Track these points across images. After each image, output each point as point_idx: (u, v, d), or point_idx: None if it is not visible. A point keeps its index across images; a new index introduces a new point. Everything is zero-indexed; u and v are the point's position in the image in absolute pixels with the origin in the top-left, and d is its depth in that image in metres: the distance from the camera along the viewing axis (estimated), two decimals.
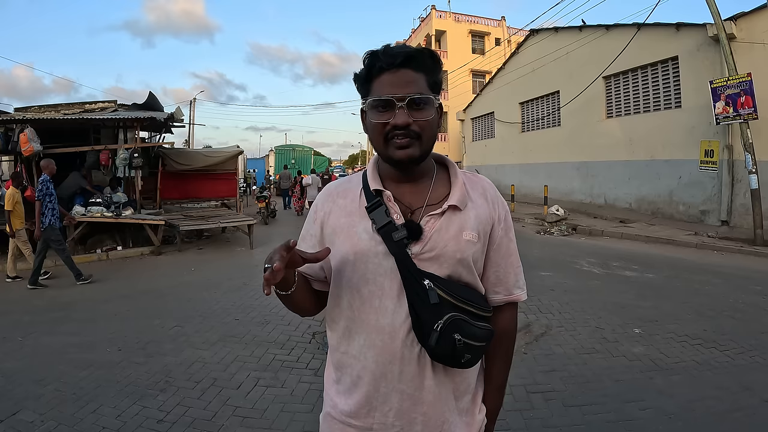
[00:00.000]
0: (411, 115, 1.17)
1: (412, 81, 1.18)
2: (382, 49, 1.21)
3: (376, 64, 1.20)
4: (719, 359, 4.34)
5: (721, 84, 11.29)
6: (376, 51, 1.21)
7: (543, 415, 3.47)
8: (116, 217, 10.84)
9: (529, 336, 5.00)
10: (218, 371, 4.34)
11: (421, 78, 1.20)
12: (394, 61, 1.18)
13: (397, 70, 1.18)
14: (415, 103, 1.17)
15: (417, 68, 1.20)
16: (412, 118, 1.17)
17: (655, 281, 7.35)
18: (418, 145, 1.20)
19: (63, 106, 13.53)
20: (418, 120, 1.18)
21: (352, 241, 1.24)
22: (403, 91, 1.17)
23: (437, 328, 1.15)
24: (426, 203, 1.27)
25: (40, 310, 6.58)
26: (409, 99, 1.16)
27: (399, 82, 1.18)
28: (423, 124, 1.19)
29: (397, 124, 1.17)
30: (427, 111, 1.20)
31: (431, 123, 1.21)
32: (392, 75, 1.18)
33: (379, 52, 1.20)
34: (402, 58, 1.18)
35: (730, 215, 11.97)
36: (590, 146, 17.01)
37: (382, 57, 1.19)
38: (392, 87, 1.17)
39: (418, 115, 1.18)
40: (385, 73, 1.19)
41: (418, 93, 1.18)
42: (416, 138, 1.19)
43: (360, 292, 1.24)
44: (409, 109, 1.17)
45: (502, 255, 1.34)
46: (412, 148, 1.19)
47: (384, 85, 1.19)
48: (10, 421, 3.52)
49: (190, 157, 14.78)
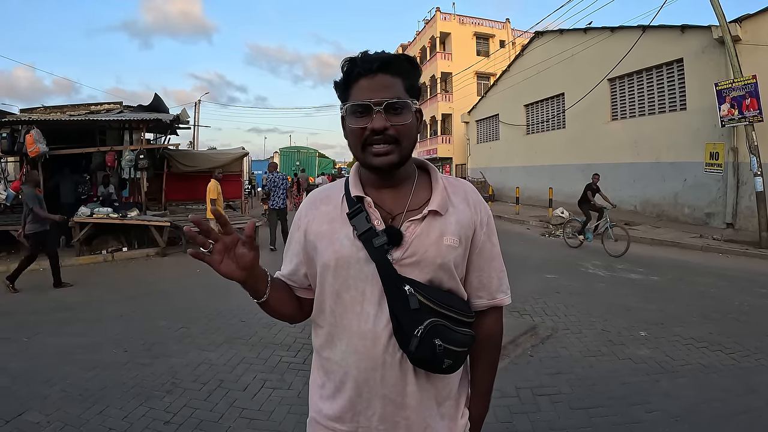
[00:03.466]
0: (389, 120, 1.18)
1: (389, 86, 1.19)
2: (360, 55, 1.22)
3: (354, 70, 1.20)
4: (725, 362, 4.33)
5: (726, 86, 11.29)
6: (354, 57, 1.22)
7: (549, 418, 3.47)
8: (122, 218, 10.87)
9: (535, 338, 5.00)
10: (225, 373, 4.35)
11: (398, 82, 1.21)
12: (371, 67, 1.18)
13: (375, 75, 1.19)
14: (393, 108, 1.18)
15: (394, 73, 1.20)
16: (390, 123, 1.18)
17: (660, 284, 7.34)
18: (397, 151, 1.20)
19: (69, 108, 13.58)
20: (396, 124, 1.18)
21: (334, 247, 1.24)
22: (381, 95, 1.17)
23: (417, 333, 1.15)
24: (406, 209, 1.27)
25: (45, 311, 6.61)
26: (386, 103, 1.17)
27: (376, 86, 1.18)
28: (401, 129, 1.19)
29: (374, 128, 1.17)
30: (405, 115, 1.20)
31: (409, 127, 1.21)
32: (369, 80, 1.19)
33: (356, 59, 1.21)
34: (379, 64, 1.19)
35: (735, 218, 11.95)
36: (595, 148, 17.00)
37: (360, 63, 1.20)
38: (370, 92, 1.18)
39: (396, 120, 1.18)
40: (362, 78, 1.20)
41: (395, 97, 1.18)
42: (394, 143, 1.19)
43: (342, 297, 1.24)
44: (387, 114, 1.18)
45: (485, 259, 1.33)
46: (391, 154, 1.20)
47: (362, 90, 1.19)
48: (16, 422, 3.52)
49: (196, 158, 14.84)
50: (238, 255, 1.13)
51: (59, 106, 13.61)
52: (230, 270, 1.12)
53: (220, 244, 1.11)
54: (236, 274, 1.13)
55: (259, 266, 1.19)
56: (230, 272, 1.13)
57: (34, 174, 8.88)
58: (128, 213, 11.06)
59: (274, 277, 1.33)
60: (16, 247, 10.90)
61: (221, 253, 1.11)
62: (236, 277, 1.14)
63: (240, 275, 1.14)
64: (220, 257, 1.11)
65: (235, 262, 1.13)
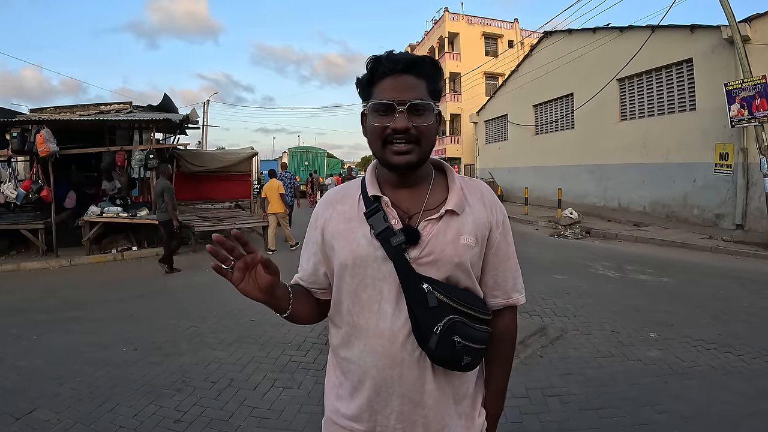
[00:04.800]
0: (411, 120, 1.19)
1: (414, 87, 1.20)
2: (385, 54, 1.23)
3: (379, 69, 1.22)
4: (734, 363, 4.31)
5: (735, 86, 11.21)
6: (379, 56, 1.23)
7: (559, 419, 3.47)
8: (131, 217, 10.93)
9: (545, 339, 4.99)
10: (235, 372, 4.38)
11: (422, 84, 1.22)
12: (396, 67, 1.20)
13: (399, 75, 1.20)
14: (416, 109, 1.20)
15: (418, 75, 1.22)
16: (412, 123, 1.19)
17: (669, 285, 7.30)
18: (417, 151, 1.22)
19: (78, 108, 13.66)
20: (418, 125, 1.20)
21: (351, 246, 1.26)
22: (404, 96, 1.19)
23: (437, 330, 1.17)
24: (423, 208, 1.28)
25: (55, 309, 6.67)
26: (409, 104, 1.19)
27: (400, 86, 1.20)
28: (422, 129, 1.21)
29: (396, 127, 1.19)
30: (427, 117, 1.21)
31: (430, 128, 1.23)
32: (394, 80, 1.20)
33: (382, 58, 1.22)
34: (404, 64, 1.20)
35: (744, 219, 11.85)
36: (604, 149, 16.91)
37: (385, 62, 1.21)
38: (394, 91, 1.19)
39: (418, 120, 1.20)
40: (387, 78, 1.21)
41: (418, 98, 1.20)
42: (415, 143, 1.21)
43: (359, 296, 1.26)
44: (409, 114, 1.19)
45: (501, 259, 1.35)
46: (411, 154, 1.21)
47: (386, 89, 1.21)
48: (27, 419, 3.57)
49: (205, 158, 14.88)
50: (258, 276, 1.14)
51: (69, 106, 13.70)
52: (250, 289, 1.14)
53: (241, 262, 1.12)
54: (256, 294, 1.15)
55: (279, 287, 1.20)
56: (250, 291, 1.14)
57: (167, 168, 10.12)
58: (138, 212, 11.12)
59: (294, 285, 1.35)
60: (26, 246, 11.01)
61: (242, 271, 1.12)
62: (256, 297, 1.16)
63: (259, 296, 1.16)
64: (241, 275, 1.12)
65: (255, 282, 1.14)
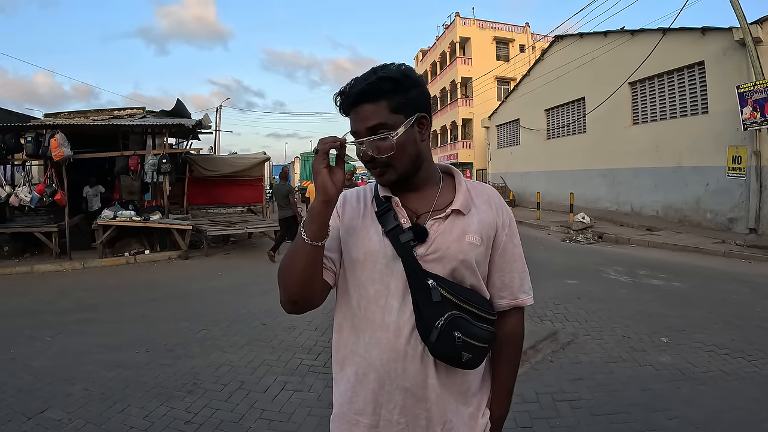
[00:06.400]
0: (376, 148, 1.23)
1: (369, 116, 1.22)
2: (342, 89, 1.26)
3: (343, 105, 1.27)
4: (747, 369, 4.27)
5: (747, 89, 11.12)
6: (340, 91, 1.27)
7: (570, 424, 3.45)
8: (144, 221, 11.02)
9: (556, 344, 4.97)
10: (245, 375, 4.39)
11: (380, 108, 1.22)
12: (350, 101, 1.24)
13: (358, 106, 1.23)
14: (379, 133, 1.22)
15: (374, 99, 1.22)
16: (375, 153, 1.24)
17: (682, 290, 7.25)
18: (391, 171, 1.27)
19: (92, 113, 13.84)
20: (382, 153, 1.24)
21: (363, 242, 1.31)
22: (363, 127, 1.23)
23: (438, 325, 1.21)
24: (432, 208, 1.33)
25: (68, 311, 6.74)
26: (369, 131, 1.23)
27: (358, 119, 1.24)
28: (388, 152, 1.23)
29: (364, 160, 1.27)
30: (388, 141, 1.22)
31: (398, 147, 1.23)
32: (354, 113, 1.25)
33: (340, 93, 1.27)
34: (354, 98, 1.23)
35: (758, 223, 11.72)
36: (616, 153, 16.82)
37: (342, 98, 1.26)
38: (355, 124, 1.25)
39: (382, 146, 1.23)
40: (351, 110, 1.25)
41: (374, 126, 1.22)
42: (386, 166, 1.26)
43: (367, 291, 1.30)
44: (372, 143, 1.23)
45: (507, 260, 1.38)
46: (387, 175, 1.28)
47: (352, 122, 1.26)
48: (39, 419, 3.61)
49: (217, 163, 14.99)
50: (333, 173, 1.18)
51: (83, 111, 13.90)
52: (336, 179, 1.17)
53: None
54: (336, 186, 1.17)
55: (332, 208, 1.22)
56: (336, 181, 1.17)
57: (287, 170, 11.64)
58: (151, 216, 11.21)
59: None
60: (40, 249, 11.12)
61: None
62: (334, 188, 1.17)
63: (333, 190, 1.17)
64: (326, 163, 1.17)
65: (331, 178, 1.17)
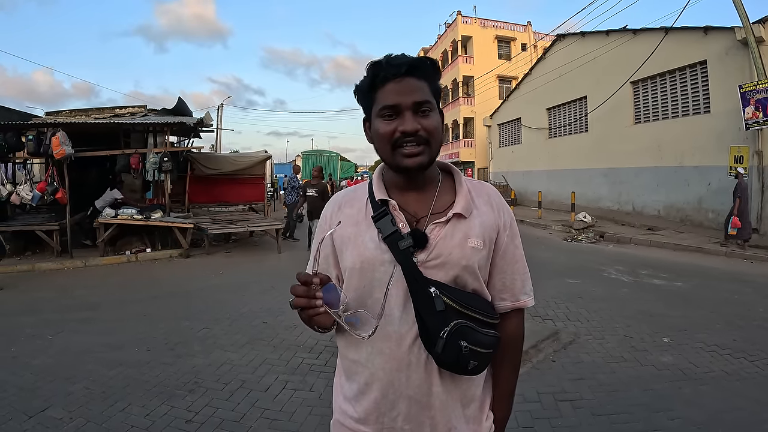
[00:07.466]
0: (418, 122, 1.20)
1: (417, 89, 1.21)
2: (385, 59, 1.23)
3: (381, 74, 1.22)
4: (749, 369, 4.27)
5: (750, 88, 11.11)
6: (379, 61, 1.24)
7: (571, 424, 3.45)
8: (146, 219, 11.02)
9: (557, 344, 4.96)
10: (247, 373, 4.39)
11: (424, 86, 1.23)
12: (398, 71, 1.20)
13: (402, 78, 1.20)
14: (422, 110, 1.21)
15: (420, 76, 1.22)
16: (420, 125, 1.20)
17: (683, 290, 7.24)
18: (427, 152, 1.23)
19: (94, 111, 13.83)
20: (426, 126, 1.21)
21: (359, 250, 1.27)
22: (410, 99, 1.20)
23: (443, 335, 1.17)
24: (431, 211, 1.28)
25: (69, 310, 6.73)
26: (416, 105, 1.20)
27: (404, 90, 1.20)
28: (431, 130, 1.21)
29: (406, 130, 1.19)
30: (433, 117, 1.23)
31: (438, 129, 1.24)
32: (397, 84, 1.20)
33: (383, 62, 1.23)
34: (406, 68, 1.20)
35: (760, 223, 11.71)
36: (618, 152, 16.81)
37: (386, 67, 1.21)
38: (398, 95, 1.20)
39: (426, 122, 1.21)
40: (389, 82, 1.21)
41: (425, 100, 1.21)
42: (425, 144, 1.22)
43: (365, 300, 1.26)
44: (416, 116, 1.20)
45: (508, 261, 1.35)
46: (422, 155, 1.22)
47: (389, 93, 1.21)
48: (40, 417, 3.60)
49: (219, 161, 14.96)
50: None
51: (84, 109, 13.89)
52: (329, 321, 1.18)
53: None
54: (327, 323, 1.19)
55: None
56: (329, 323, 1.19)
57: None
58: (152, 214, 11.20)
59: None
60: (41, 247, 11.12)
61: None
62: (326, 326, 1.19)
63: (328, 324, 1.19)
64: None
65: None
